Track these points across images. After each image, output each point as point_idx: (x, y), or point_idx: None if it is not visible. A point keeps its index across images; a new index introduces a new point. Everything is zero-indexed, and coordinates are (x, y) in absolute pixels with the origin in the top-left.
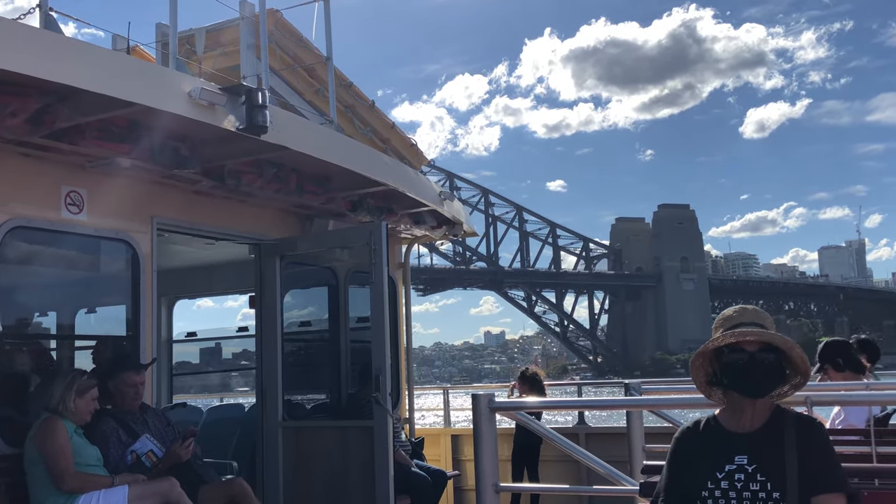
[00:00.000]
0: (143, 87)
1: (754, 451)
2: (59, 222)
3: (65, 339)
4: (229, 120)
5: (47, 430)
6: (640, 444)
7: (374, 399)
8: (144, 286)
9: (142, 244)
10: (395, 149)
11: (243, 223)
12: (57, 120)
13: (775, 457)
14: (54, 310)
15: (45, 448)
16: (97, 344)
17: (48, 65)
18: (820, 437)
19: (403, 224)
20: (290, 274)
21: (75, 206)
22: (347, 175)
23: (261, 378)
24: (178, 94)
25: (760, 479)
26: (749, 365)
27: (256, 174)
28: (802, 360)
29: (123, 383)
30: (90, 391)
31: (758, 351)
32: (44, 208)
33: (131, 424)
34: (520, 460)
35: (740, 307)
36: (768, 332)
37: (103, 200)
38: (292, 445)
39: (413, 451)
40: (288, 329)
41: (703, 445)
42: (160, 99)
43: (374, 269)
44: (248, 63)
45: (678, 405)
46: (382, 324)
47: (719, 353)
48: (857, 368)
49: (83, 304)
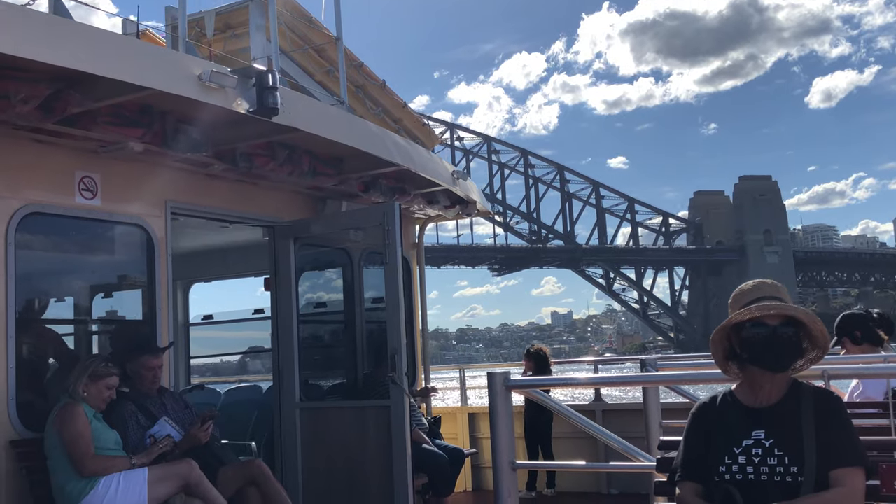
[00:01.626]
0: (153, 71)
1: (772, 425)
2: (74, 208)
3: (82, 324)
4: (240, 102)
5: (66, 416)
6: (657, 420)
7: (390, 379)
8: (159, 270)
9: (156, 228)
10: (408, 128)
11: (256, 206)
12: (69, 106)
13: (793, 431)
14: (71, 295)
15: (65, 433)
16: (115, 328)
17: (58, 50)
18: (837, 411)
19: (417, 204)
20: (305, 256)
21: (89, 191)
22: (360, 156)
23: (277, 360)
24: (189, 77)
25: (778, 454)
26: (771, 339)
27: (269, 156)
28: (823, 335)
29: (141, 366)
30: (105, 379)
31: (779, 325)
32: (58, 194)
33: (150, 408)
34: (532, 437)
35: (757, 281)
36: (791, 306)
37: (117, 185)
38: (309, 426)
39: (430, 429)
40: (303, 311)
41: (720, 420)
42: (171, 83)
43: (388, 249)
44: (258, 45)
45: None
46: (397, 304)
47: (739, 327)
48: (875, 341)
49: (99, 289)
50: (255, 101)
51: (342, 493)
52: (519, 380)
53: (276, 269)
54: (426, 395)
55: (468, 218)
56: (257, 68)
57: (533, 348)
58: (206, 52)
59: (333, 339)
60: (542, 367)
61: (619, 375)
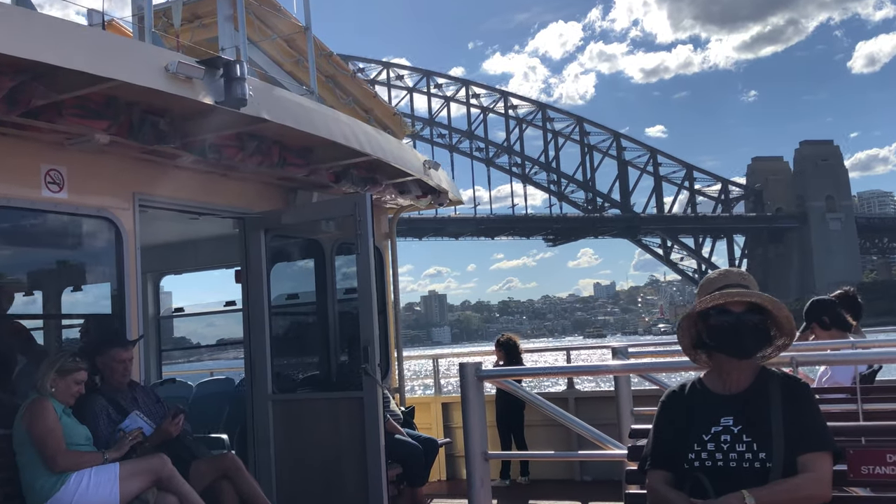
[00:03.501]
0: (119, 62)
1: (740, 412)
2: (40, 201)
3: (51, 318)
4: (207, 93)
5: (35, 411)
6: (629, 408)
7: (363, 370)
8: (128, 263)
9: (124, 221)
10: (378, 118)
11: (226, 197)
12: (33, 98)
13: (761, 417)
14: (39, 289)
15: (34, 429)
16: (84, 322)
17: (22, 42)
18: (805, 397)
19: (388, 194)
20: (276, 247)
21: (55, 184)
22: (330, 146)
23: (249, 352)
24: (155, 68)
25: (746, 440)
26: (736, 326)
27: (238, 147)
28: (788, 321)
29: (111, 359)
30: (74, 374)
31: (744, 312)
32: (24, 187)
33: (121, 402)
34: (504, 425)
35: (724, 269)
36: (756, 293)
37: (84, 178)
38: (282, 418)
39: (404, 420)
40: (275, 302)
41: (688, 408)
42: (137, 74)
43: (360, 240)
44: (226, 35)
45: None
46: (370, 295)
47: (706, 315)
48: (843, 326)
49: (68, 282)
50: (223, 92)
51: (316, 484)
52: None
53: (247, 261)
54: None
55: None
56: (225, 59)
57: (503, 337)
58: (174, 43)
59: (306, 330)
60: (512, 356)
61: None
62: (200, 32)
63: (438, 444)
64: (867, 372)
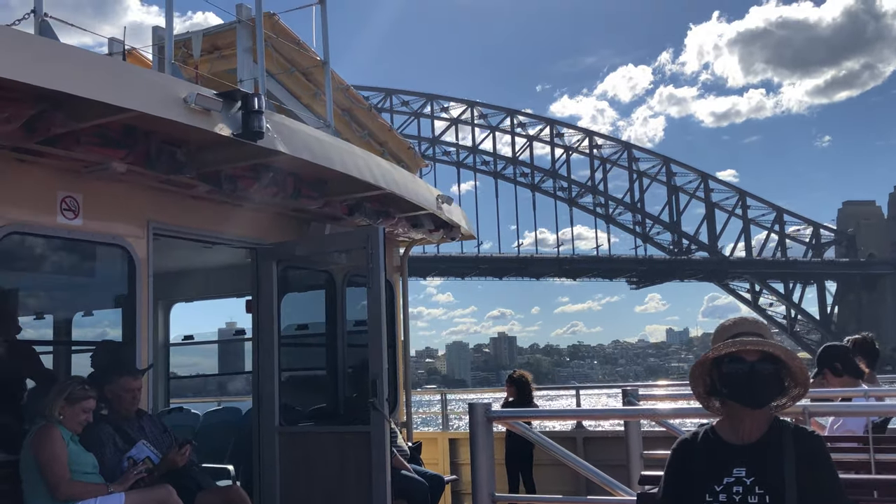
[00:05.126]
0: (138, 93)
1: (752, 463)
2: (55, 227)
3: (61, 345)
4: (225, 125)
5: (42, 438)
6: (638, 451)
7: (371, 404)
8: (140, 291)
9: (138, 249)
10: (393, 152)
11: (240, 227)
12: (52, 126)
13: (774, 470)
14: (51, 314)
15: (40, 456)
16: (95, 348)
17: (42, 71)
18: (818, 451)
19: (401, 227)
20: (287, 277)
21: (71, 211)
22: (345, 179)
23: (257, 383)
24: (174, 99)
25: (759, 492)
26: (749, 375)
27: (253, 178)
28: (802, 371)
29: (121, 388)
30: (83, 402)
31: (758, 361)
32: (39, 214)
33: (128, 430)
34: (513, 464)
35: (738, 317)
36: (769, 342)
37: (99, 205)
38: (289, 451)
39: (411, 455)
40: (285, 333)
41: (701, 457)
42: (156, 105)
43: (372, 273)
44: (244, 67)
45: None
46: (380, 328)
47: (719, 362)
48: (855, 373)
49: (80, 308)
50: (241, 124)
51: None
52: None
53: (257, 291)
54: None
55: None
56: (243, 91)
57: (515, 374)
58: (193, 74)
59: (315, 361)
60: (523, 392)
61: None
62: (219, 64)
63: (445, 480)
64: (880, 420)
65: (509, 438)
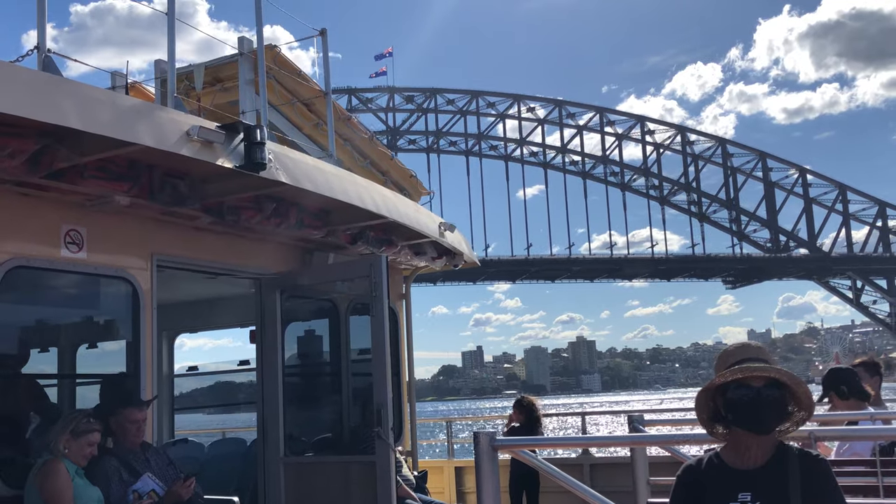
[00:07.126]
0: (141, 127)
1: (758, 488)
2: (59, 261)
3: (65, 378)
4: (228, 157)
5: (47, 473)
6: (645, 477)
7: (375, 434)
8: (144, 322)
9: (141, 281)
10: (395, 180)
11: (243, 258)
12: (55, 161)
13: (780, 495)
14: (55, 346)
15: (45, 491)
16: (99, 381)
17: (46, 106)
18: (824, 476)
19: (404, 255)
20: (291, 307)
21: (75, 244)
22: (347, 208)
23: (262, 413)
24: (177, 133)
25: None
26: (755, 401)
27: (256, 209)
28: (807, 396)
29: (125, 420)
30: (88, 435)
31: (763, 387)
32: (43, 247)
33: (133, 463)
34: (518, 491)
35: (742, 343)
36: (775, 368)
37: (103, 238)
38: (294, 481)
39: (416, 484)
40: (289, 362)
41: (706, 483)
42: (159, 139)
43: (375, 301)
44: (247, 98)
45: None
46: (384, 357)
47: (724, 389)
48: (861, 396)
49: (84, 341)
50: (243, 156)
51: None
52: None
53: (262, 321)
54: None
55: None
56: (245, 123)
57: (525, 401)
58: (195, 106)
59: (319, 391)
60: (531, 418)
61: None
62: (222, 96)
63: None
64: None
65: (514, 465)
